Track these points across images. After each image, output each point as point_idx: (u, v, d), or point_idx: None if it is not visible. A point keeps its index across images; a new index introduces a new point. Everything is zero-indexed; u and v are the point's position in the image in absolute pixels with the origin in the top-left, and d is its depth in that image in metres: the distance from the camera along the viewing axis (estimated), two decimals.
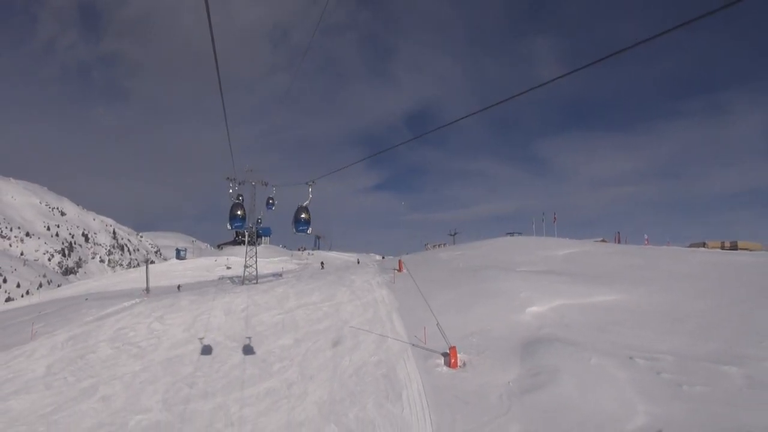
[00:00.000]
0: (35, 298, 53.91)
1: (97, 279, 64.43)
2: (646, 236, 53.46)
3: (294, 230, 17.36)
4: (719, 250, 58.53)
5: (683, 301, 26.01)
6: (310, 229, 17.09)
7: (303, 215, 17.95)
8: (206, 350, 23.70)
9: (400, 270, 35.20)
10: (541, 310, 25.86)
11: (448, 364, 20.66)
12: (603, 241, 57.03)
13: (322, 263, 57.30)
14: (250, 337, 25.18)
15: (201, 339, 25.26)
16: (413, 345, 22.68)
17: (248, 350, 23.32)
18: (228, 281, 45.42)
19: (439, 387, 19.24)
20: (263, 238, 69.24)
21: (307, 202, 17.43)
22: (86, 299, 38.10)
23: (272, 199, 33.34)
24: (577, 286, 28.63)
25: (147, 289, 40.26)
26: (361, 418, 17.26)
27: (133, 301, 33.06)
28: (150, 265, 49.15)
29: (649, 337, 22.53)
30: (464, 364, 20.80)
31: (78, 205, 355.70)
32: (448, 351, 21.04)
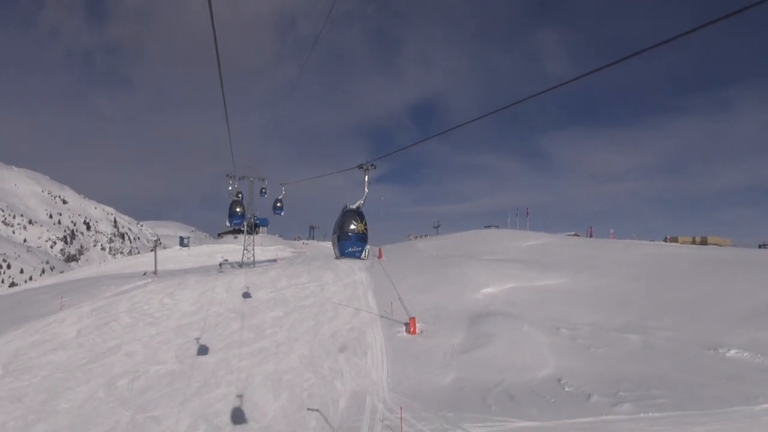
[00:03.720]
0: (51, 279, 58.64)
1: (109, 263, 69.15)
2: (611, 231, 58.09)
3: (273, 213, 29.89)
4: (689, 244, 63.24)
5: (613, 284, 30.66)
6: (283, 212, 26.88)
7: (278, 204, 29.20)
8: (210, 320, 28.34)
9: (380, 257, 39.86)
10: (493, 291, 30.52)
11: (408, 331, 25.34)
12: (576, 234, 61.58)
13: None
14: (248, 288, 29.93)
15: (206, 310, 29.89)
16: (381, 316, 27.33)
17: (245, 319, 27.97)
18: (228, 266, 49.94)
19: (398, 347, 23.93)
20: (261, 228, 73.68)
21: (281, 195, 28.57)
22: (144, 273, 43.00)
23: (265, 188, 38.05)
24: (528, 272, 33.25)
25: (155, 271, 44.78)
26: (333, 368, 21.94)
27: (146, 281, 37.61)
28: (157, 251, 53.75)
29: (576, 312, 27.22)
30: (421, 331, 25.48)
31: (79, 193, 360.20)
32: (408, 321, 25.72)
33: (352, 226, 8.38)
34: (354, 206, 8.56)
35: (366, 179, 8.46)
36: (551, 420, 16.38)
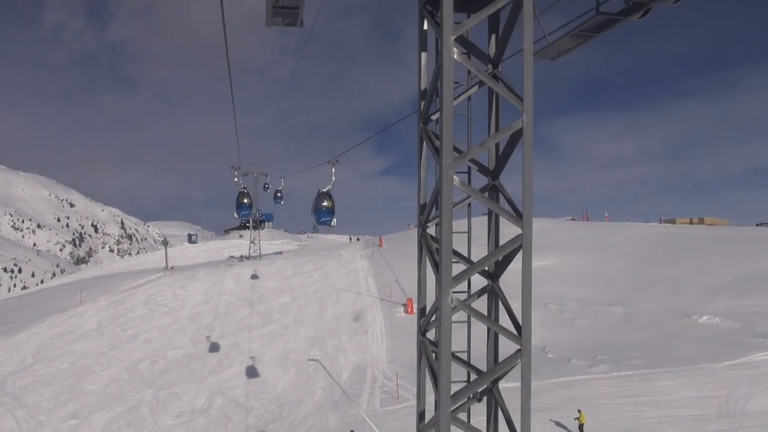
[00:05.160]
0: (68, 278, 60.78)
1: (120, 261, 71.28)
2: (606, 214, 59.56)
3: (274, 202, 34.34)
4: (686, 225, 64.55)
5: (602, 264, 32.26)
6: (282, 201, 29.88)
7: (278, 194, 33.40)
8: (221, 309, 30.18)
9: (380, 245, 41.62)
10: None
11: (405, 311, 27.08)
12: (572, 219, 62.98)
13: (357, 238, 65.15)
14: (256, 272, 31.68)
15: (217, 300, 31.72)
16: (381, 299, 29.07)
17: (254, 306, 29.79)
18: (236, 260, 51.81)
19: (396, 326, 25.67)
20: (266, 223, 75.31)
21: (281, 186, 32.37)
22: (172, 268, 45.00)
23: (267, 184, 39.80)
24: (520, 253, 34.82)
25: (166, 266, 46.67)
26: (337, 346, 23.74)
27: (158, 275, 39.51)
28: (166, 248, 55.67)
29: (564, 290, 28.84)
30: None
31: (86, 196, 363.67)
32: (406, 302, 27.47)
33: (324, 203, 11.10)
34: (325, 190, 11.01)
35: (333, 170, 10.93)
36: (533, 380, 18.06)
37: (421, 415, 4.70)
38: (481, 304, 4.60)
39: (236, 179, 27.59)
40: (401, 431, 15.21)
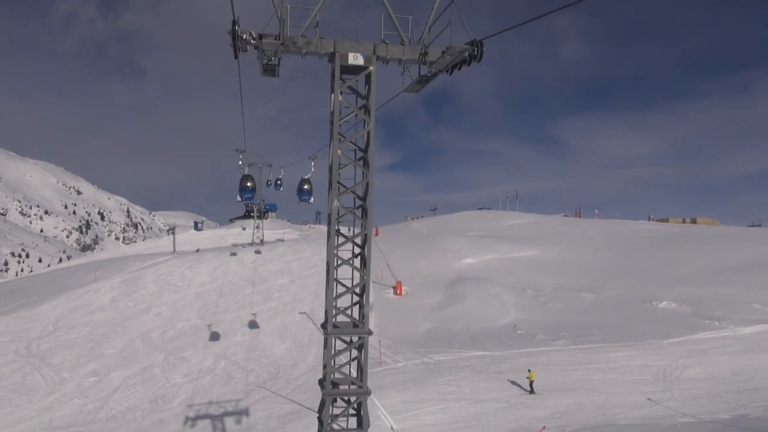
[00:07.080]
0: (81, 260, 63.56)
1: (131, 245, 74.02)
2: (596, 212, 61.83)
3: (275, 189, 37.24)
4: (679, 224, 66.57)
5: (580, 255, 34.54)
6: (282, 188, 31.80)
7: (278, 182, 36.73)
8: (225, 286, 32.61)
9: (376, 235, 44.07)
10: (473, 261, 34.52)
11: (395, 292, 29.47)
12: (565, 215, 65.21)
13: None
14: (259, 256, 34.09)
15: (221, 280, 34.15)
16: (374, 282, 31.40)
17: (256, 286, 32.22)
18: (239, 247, 54.29)
19: (386, 305, 28.08)
20: (270, 213, 77.69)
21: (281, 175, 35.67)
22: (197, 250, 47.65)
23: (270, 181, 42.02)
24: (507, 245, 37.19)
25: (174, 251, 49.22)
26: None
27: (167, 258, 42.01)
28: (173, 235, 58.21)
29: (543, 277, 31.16)
30: (406, 293, 29.60)
31: (93, 184, 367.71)
32: (395, 285, 29.85)
33: (305, 186, 14.48)
34: (306, 177, 14.17)
35: (312, 163, 14.03)
36: (500, 351, 20.49)
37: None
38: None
39: (240, 162, 27.85)
40: (378, 387, 17.64)
